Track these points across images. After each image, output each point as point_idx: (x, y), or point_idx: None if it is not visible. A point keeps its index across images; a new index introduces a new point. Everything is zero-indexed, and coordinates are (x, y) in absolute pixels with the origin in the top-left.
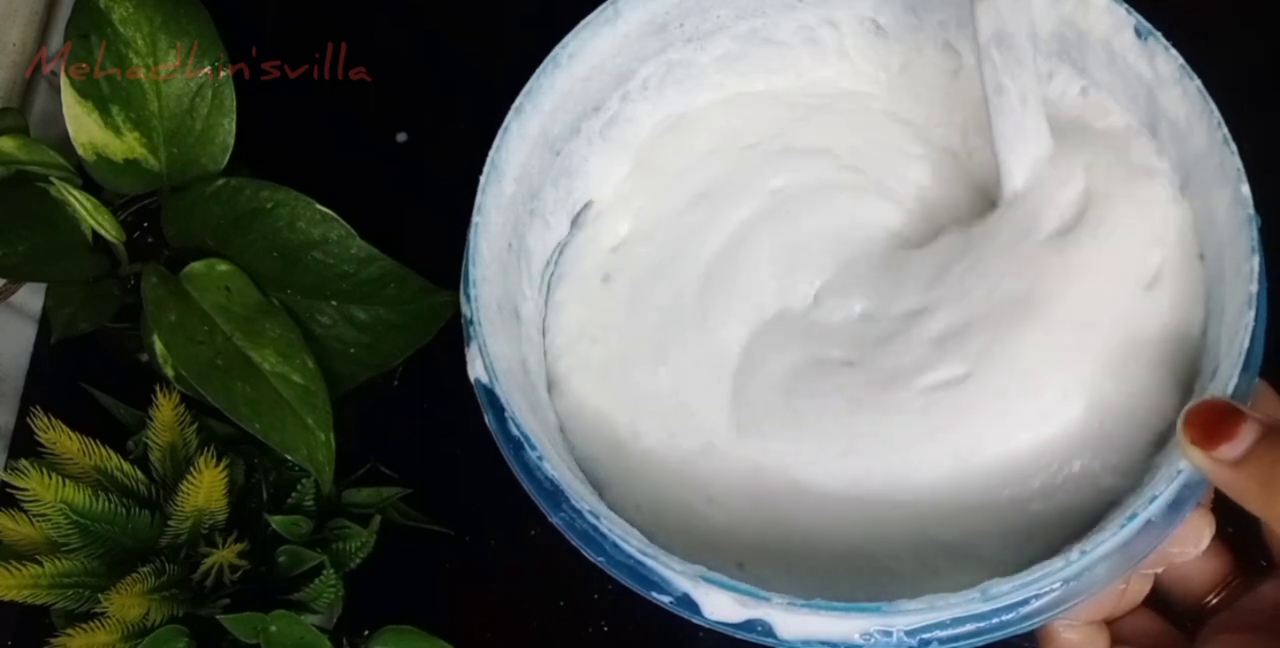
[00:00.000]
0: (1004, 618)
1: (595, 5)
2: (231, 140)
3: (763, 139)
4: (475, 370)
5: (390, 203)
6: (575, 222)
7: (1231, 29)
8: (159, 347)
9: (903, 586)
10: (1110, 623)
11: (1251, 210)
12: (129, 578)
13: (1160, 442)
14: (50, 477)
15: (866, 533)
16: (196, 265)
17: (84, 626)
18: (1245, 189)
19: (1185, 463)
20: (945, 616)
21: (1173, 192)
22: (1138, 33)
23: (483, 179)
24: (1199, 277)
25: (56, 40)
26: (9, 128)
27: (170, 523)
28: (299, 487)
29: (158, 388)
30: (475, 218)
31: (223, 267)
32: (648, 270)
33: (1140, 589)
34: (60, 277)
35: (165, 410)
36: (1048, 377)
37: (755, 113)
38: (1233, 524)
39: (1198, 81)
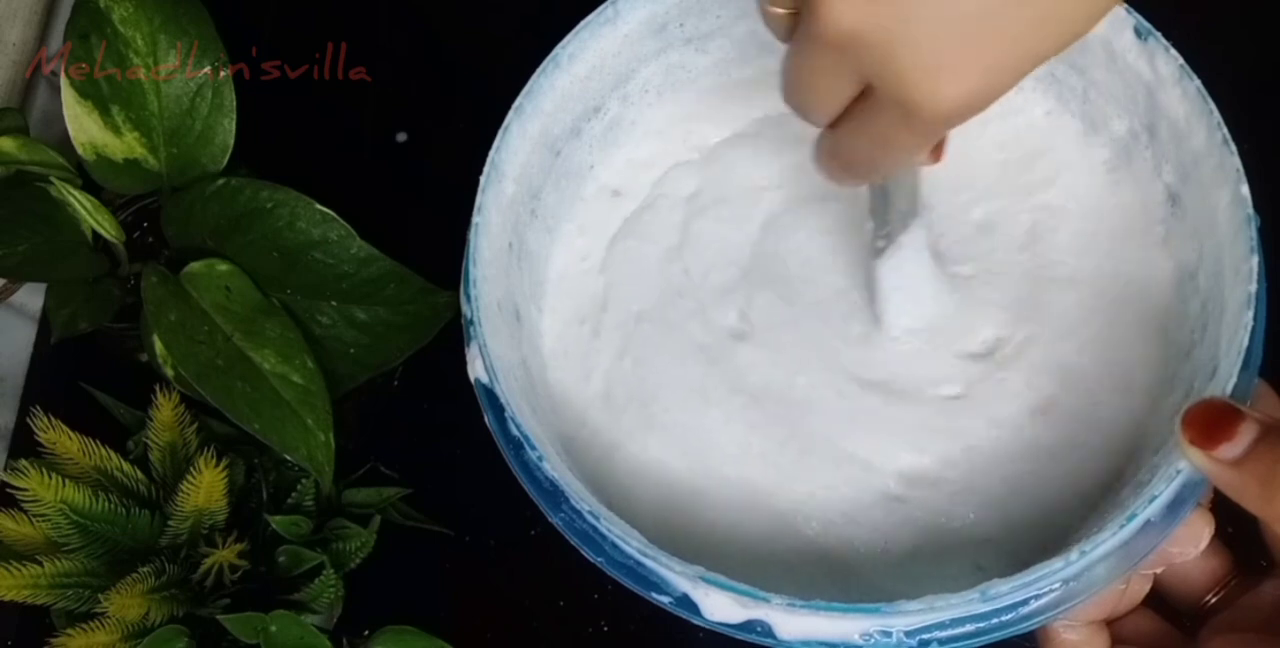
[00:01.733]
0: (1004, 618)
1: (595, 5)
2: (231, 140)
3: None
4: (475, 370)
5: (390, 203)
6: None
7: (1231, 29)
8: (159, 347)
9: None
10: (1110, 623)
11: (1251, 210)
12: (129, 578)
13: None
14: (50, 477)
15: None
16: (196, 265)
17: (84, 626)
18: (1244, 189)
19: (1184, 463)
20: (945, 616)
21: None
22: (1137, 33)
23: (483, 179)
24: None
25: (56, 40)
26: (9, 128)
27: (170, 523)
28: (299, 487)
29: (158, 388)
30: (475, 218)
31: (223, 267)
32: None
33: (1140, 589)
34: (60, 277)
35: (165, 410)
36: None
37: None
38: (1232, 524)
39: (1198, 82)
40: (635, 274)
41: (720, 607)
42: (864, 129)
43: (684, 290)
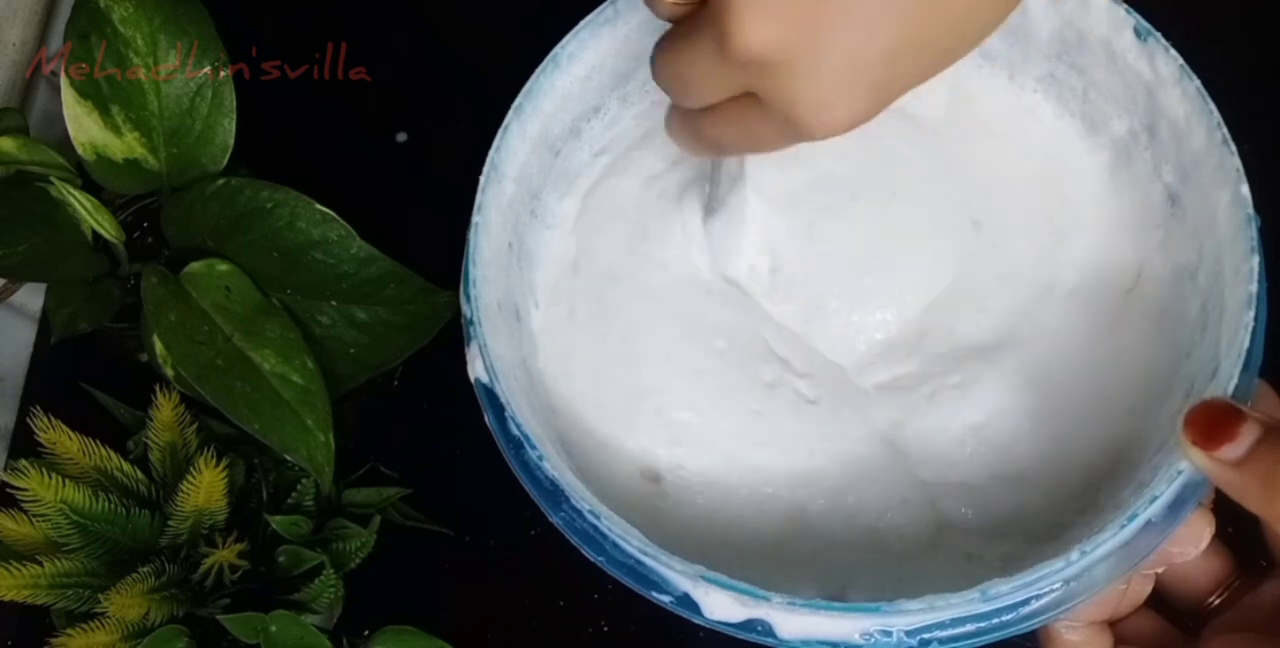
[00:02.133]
0: (1004, 618)
1: (595, 5)
2: (231, 140)
3: None
4: (475, 370)
5: (390, 203)
6: None
7: (1231, 29)
8: (159, 347)
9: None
10: (1112, 624)
11: (1251, 210)
12: (129, 578)
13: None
14: (50, 477)
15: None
16: (196, 265)
17: (84, 626)
18: (1245, 189)
19: (1185, 463)
20: (945, 616)
21: None
22: (1137, 33)
23: (483, 179)
24: None
25: (56, 40)
26: (9, 128)
27: (170, 523)
28: (299, 487)
29: (158, 388)
30: (475, 218)
31: (223, 267)
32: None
33: (1142, 590)
34: (60, 277)
35: (165, 410)
36: None
37: None
38: (1233, 524)
39: (1197, 82)
40: (610, 215)
41: (721, 606)
42: (738, 124)
43: (663, 212)
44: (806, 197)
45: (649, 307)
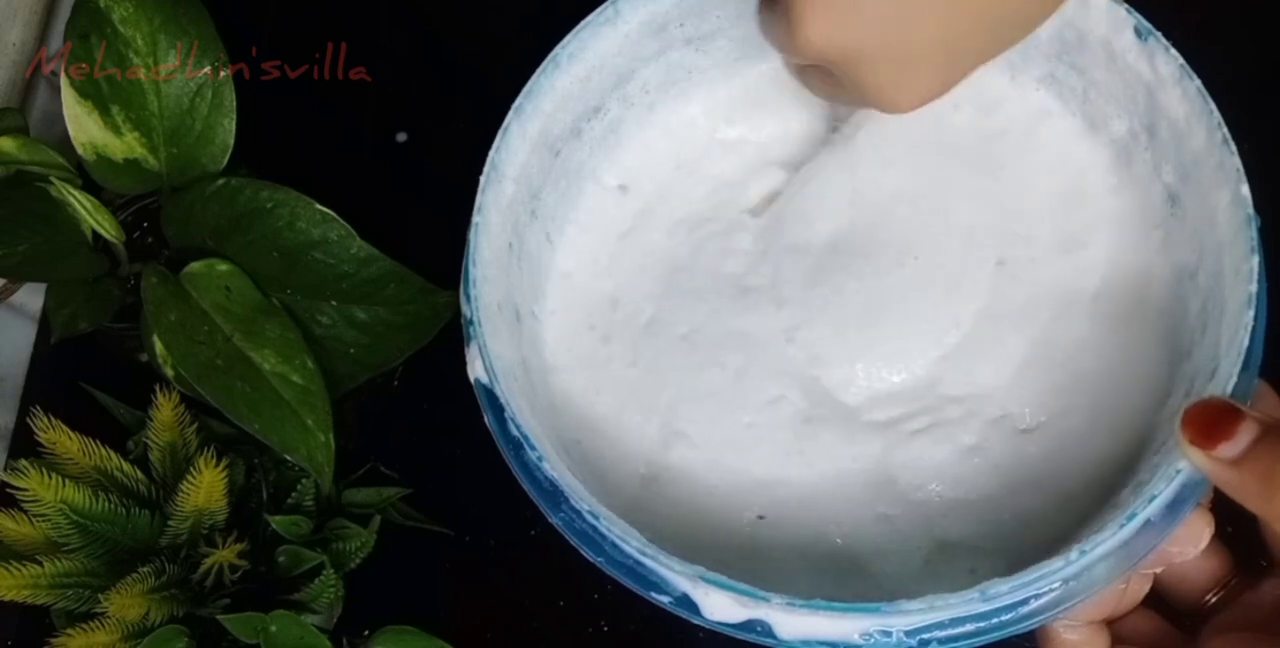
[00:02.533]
0: (1003, 618)
1: (595, 5)
2: (231, 140)
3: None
4: (475, 370)
5: (390, 203)
6: None
7: (1231, 29)
8: (159, 347)
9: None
10: (1111, 623)
11: (1251, 210)
12: (129, 578)
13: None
14: (50, 477)
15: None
16: (196, 265)
17: (84, 626)
18: (1245, 189)
19: (1184, 463)
20: (945, 616)
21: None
22: (1137, 33)
23: (483, 179)
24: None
25: (56, 40)
26: (9, 128)
27: (170, 523)
28: (299, 487)
29: (158, 388)
30: (475, 218)
31: (223, 267)
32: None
33: (1140, 589)
34: (60, 277)
35: (165, 410)
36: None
37: None
38: (1232, 524)
39: (1198, 82)
40: (645, 264)
41: (720, 606)
42: (824, 81)
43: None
44: (819, 249)
45: (676, 332)
